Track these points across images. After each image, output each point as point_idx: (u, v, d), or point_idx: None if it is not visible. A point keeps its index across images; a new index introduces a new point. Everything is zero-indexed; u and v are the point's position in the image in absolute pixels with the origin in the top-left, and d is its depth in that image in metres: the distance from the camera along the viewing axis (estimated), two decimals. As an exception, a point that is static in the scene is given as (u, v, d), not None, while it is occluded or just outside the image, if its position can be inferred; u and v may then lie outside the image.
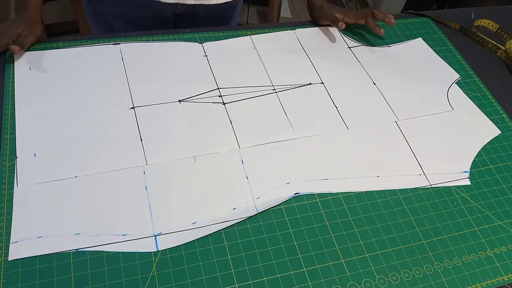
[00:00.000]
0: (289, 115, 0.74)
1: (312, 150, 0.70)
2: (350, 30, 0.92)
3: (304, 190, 0.65)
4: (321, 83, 0.80)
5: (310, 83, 0.80)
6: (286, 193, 0.64)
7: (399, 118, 0.77)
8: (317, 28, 0.91)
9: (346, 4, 2.42)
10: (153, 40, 0.82)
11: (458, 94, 0.84)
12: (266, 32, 0.88)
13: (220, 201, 0.62)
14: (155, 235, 0.58)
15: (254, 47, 0.84)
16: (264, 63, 0.82)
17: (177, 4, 0.88)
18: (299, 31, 0.90)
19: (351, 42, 0.90)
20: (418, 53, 0.90)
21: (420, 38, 0.93)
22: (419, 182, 0.69)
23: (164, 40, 0.82)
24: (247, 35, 0.87)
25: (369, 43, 0.90)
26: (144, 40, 0.81)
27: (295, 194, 0.65)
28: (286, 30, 0.90)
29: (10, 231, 0.56)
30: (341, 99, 0.78)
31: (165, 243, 0.57)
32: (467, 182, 0.70)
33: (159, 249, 0.57)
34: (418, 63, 0.88)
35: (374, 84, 0.82)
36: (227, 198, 0.63)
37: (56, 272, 0.53)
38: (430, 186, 0.69)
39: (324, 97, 0.78)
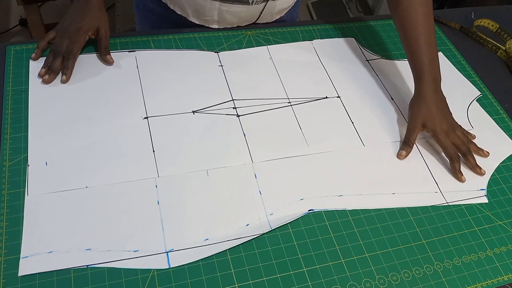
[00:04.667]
0: (303, 130, 0.73)
1: (326, 165, 0.69)
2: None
3: (318, 206, 0.64)
4: (337, 97, 0.79)
5: (326, 97, 0.78)
6: (300, 210, 0.63)
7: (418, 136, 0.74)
8: (334, 39, 0.89)
9: (346, 4, 2.42)
10: (152, 40, 0.82)
11: (478, 111, 0.81)
12: (266, 32, 0.88)
13: (233, 217, 0.61)
14: (167, 252, 0.57)
15: (271, 58, 0.83)
16: (280, 74, 0.80)
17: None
18: (316, 42, 0.88)
19: (370, 55, 0.88)
20: None
21: (440, 53, 0.90)
22: (436, 200, 0.67)
23: (164, 39, 0.82)
24: (247, 35, 0.86)
25: (388, 56, 0.88)
26: (143, 40, 0.81)
27: (309, 210, 0.63)
28: (289, 29, 0.89)
29: (10, 231, 0.56)
30: (357, 114, 0.76)
31: (177, 260, 0.56)
32: (484, 200, 0.69)
33: (170, 266, 0.56)
34: None
35: (392, 99, 0.80)
36: (240, 214, 0.61)
37: (56, 272, 0.53)
38: (446, 204, 0.67)
39: (340, 112, 0.77)
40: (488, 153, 0.73)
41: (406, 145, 0.72)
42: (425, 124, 0.72)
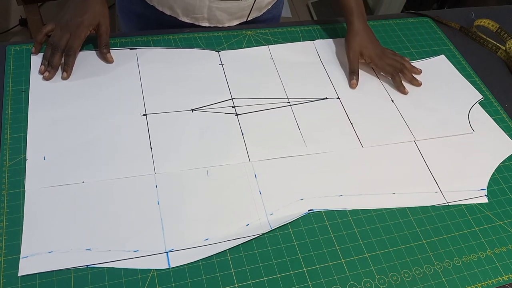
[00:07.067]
0: (302, 130, 0.73)
1: (325, 166, 0.69)
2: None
3: (318, 206, 0.64)
4: (337, 98, 0.79)
5: (326, 98, 0.78)
6: (300, 210, 0.63)
7: (417, 138, 0.74)
8: (336, 39, 0.89)
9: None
10: (152, 40, 0.82)
11: (478, 112, 0.81)
12: (266, 32, 0.88)
13: (233, 216, 0.61)
14: (167, 252, 0.57)
15: (271, 58, 0.83)
16: (280, 74, 0.80)
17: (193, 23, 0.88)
18: (318, 42, 0.88)
19: None
20: (440, 71, 0.88)
21: (443, 55, 0.91)
22: (436, 200, 0.67)
23: (164, 39, 0.82)
24: (247, 35, 0.86)
25: None
26: (143, 39, 0.81)
27: (309, 211, 0.63)
28: (289, 29, 0.89)
29: (10, 231, 0.56)
30: (357, 116, 0.76)
31: (177, 260, 0.56)
32: (485, 200, 0.69)
33: (170, 266, 0.56)
34: (439, 82, 0.85)
35: (392, 101, 0.80)
36: (240, 214, 0.61)
37: (56, 272, 0.53)
38: (447, 204, 0.67)
39: (339, 113, 0.76)
40: (421, 70, 0.85)
41: (353, 74, 0.81)
42: (362, 52, 0.82)
